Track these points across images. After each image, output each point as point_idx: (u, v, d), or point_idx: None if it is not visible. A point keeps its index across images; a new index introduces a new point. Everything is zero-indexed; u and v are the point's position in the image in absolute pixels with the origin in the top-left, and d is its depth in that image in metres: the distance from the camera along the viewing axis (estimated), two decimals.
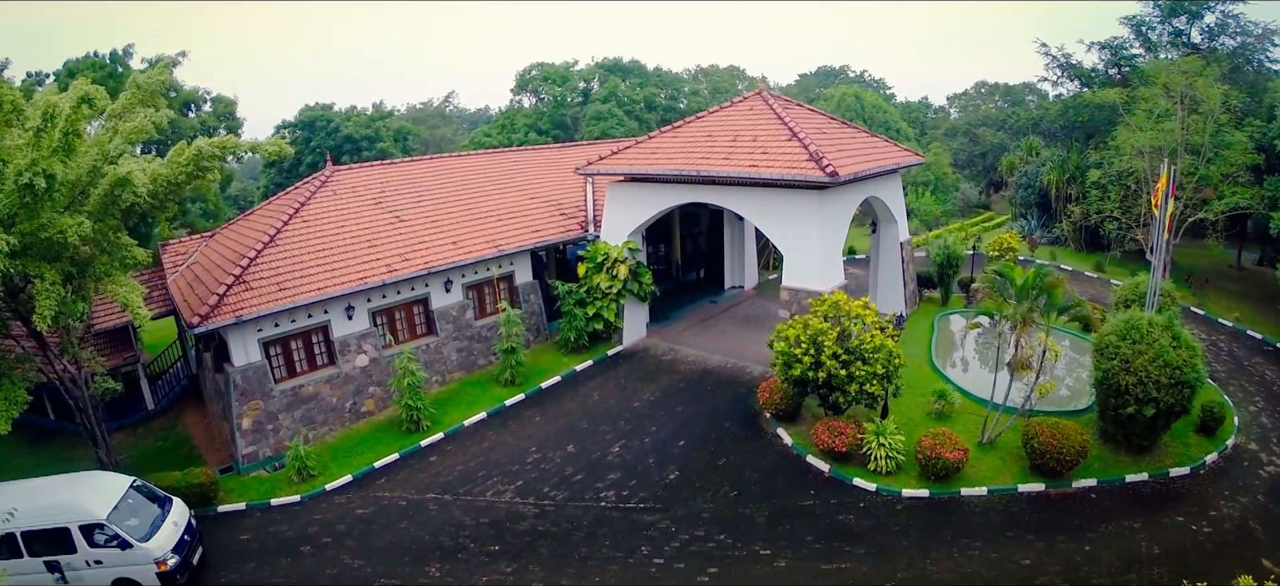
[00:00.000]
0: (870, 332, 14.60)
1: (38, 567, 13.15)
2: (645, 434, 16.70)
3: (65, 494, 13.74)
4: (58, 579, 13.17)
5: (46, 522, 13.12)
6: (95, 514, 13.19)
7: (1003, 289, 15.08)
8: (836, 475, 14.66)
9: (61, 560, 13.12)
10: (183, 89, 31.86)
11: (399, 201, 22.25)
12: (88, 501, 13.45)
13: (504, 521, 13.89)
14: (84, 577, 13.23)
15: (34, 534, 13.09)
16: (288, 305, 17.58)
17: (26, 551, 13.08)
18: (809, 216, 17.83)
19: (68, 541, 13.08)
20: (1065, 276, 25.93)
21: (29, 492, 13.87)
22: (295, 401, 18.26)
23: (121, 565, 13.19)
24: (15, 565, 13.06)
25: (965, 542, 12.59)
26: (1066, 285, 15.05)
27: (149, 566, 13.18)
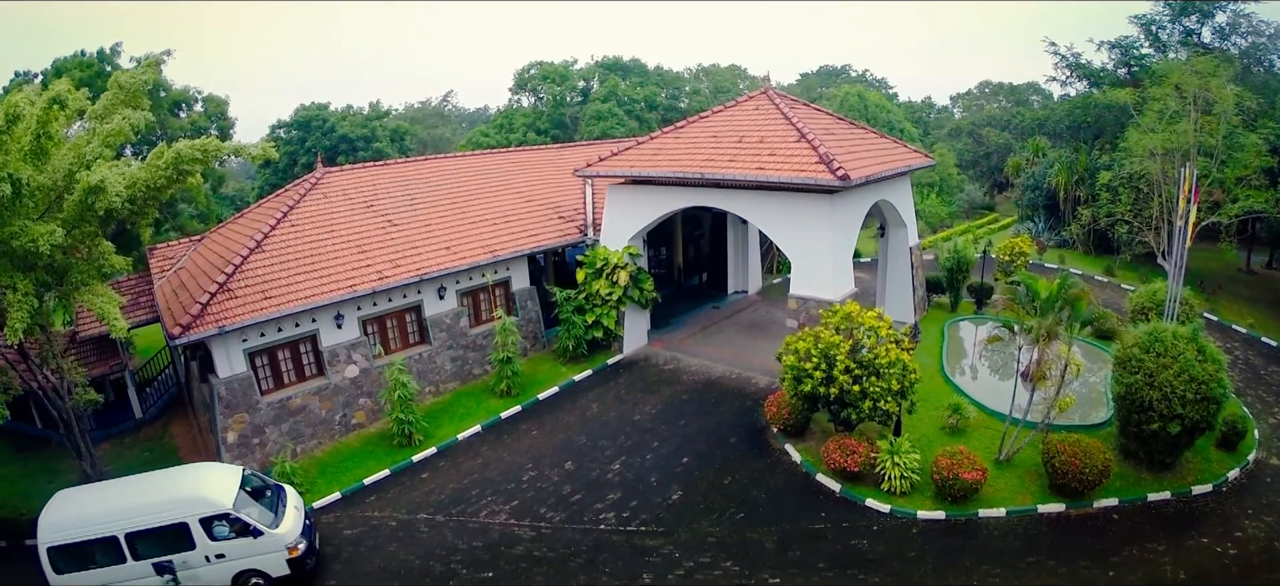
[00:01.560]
0: (884, 346, 13.86)
1: (143, 571, 12.16)
2: (647, 450, 15.97)
3: (178, 486, 12.80)
4: (168, 581, 12.23)
5: (159, 520, 12.13)
6: (220, 503, 12.37)
7: (1025, 300, 14.34)
8: (848, 495, 13.93)
9: (175, 559, 12.18)
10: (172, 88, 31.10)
11: (391, 205, 21.50)
12: (209, 491, 12.58)
13: (498, 545, 13.15)
14: (200, 576, 12.33)
15: (142, 534, 12.12)
16: (273, 315, 16.86)
17: (131, 554, 12.10)
18: (819, 222, 17.09)
19: (185, 537, 12.18)
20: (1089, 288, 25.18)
21: (128, 491, 12.95)
22: (282, 414, 17.52)
23: (249, 556, 12.40)
24: (116, 572, 12.12)
25: (985, 569, 11.90)
26: (1091, 296, 14.31)
27: (280, 553, 12.47)
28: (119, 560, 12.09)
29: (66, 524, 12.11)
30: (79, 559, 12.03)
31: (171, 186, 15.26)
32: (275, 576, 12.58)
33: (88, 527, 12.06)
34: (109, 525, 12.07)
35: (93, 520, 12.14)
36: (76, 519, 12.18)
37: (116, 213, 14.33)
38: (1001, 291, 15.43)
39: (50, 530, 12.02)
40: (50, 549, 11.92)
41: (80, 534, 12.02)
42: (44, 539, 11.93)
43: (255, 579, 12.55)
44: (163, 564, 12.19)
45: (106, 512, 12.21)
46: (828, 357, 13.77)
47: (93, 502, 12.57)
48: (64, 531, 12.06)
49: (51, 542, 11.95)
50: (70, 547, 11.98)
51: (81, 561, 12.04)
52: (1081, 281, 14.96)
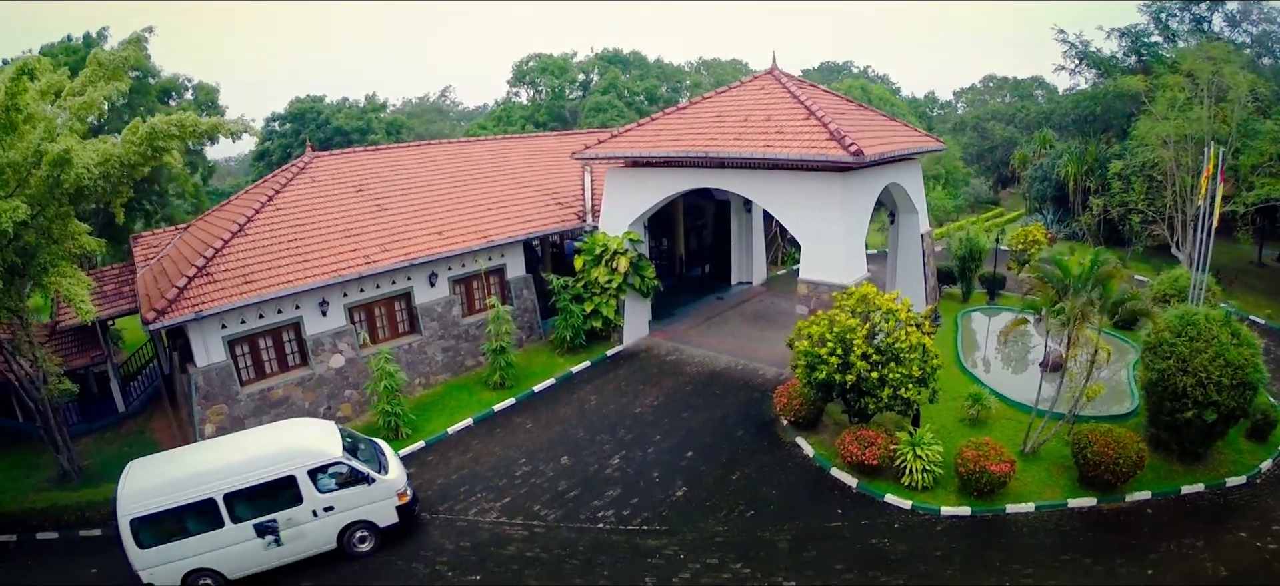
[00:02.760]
0: (904, 329, 12.72)
1: (242, 535, 11.25)
2: (648, 444, 14.83)
3: (280, 441, 12.02)
4: (270, 542, 11.32)
5: (264, 475, 11.28)
6: (329, 452, 11.70)
7: (1055, 280, 13.23)
8: (865, 491, 12.81)
9: (280, 517, 11.31)
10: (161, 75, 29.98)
11: (382, 190, 20.37)
12: (316, 443, 11.90)
13: (487, 545, 12.02)
14: (306, 533, 11.54)
15: (244, 493, 11.22)
16: (253, 299, 15.77)
17: (230, 517, 11.14)
18: (830, 202, 15.97)
19: (292, 492, 11.38)
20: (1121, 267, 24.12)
21: (217, 451, 12.04)
22: (263, 405, 16.41)
23: (359, 506, 11.78)
24: (210, 540, 11.14)
25: (1016, 569, 10.83)
26: (1124, 275, 13.25)
27: (390, 501, 11.99)
28: (215, 525, 11.07)
29: (154, 491, 10.97)
30: (168, 529, 10.96)
31: (147, 163, 14.37)
32: (383, 527, 12.04)
33: (181, 491, 10.98)
34: (205, 487, 11.03)
35: (185, 483, 11.06)
36: (165, 484, 11.07)
37: (88, 190, 13.46)
38: (1029, 270, 14.30)
39: (134, 500, 10.86)
40: (134, 520, 10.77)
41: (172, 499, 10.92)
42: (126, 510, 10.76)
43: (360, 532, 11.91)
44: (265, 524, 11.22)
45: (201, 473, 11.18)
46: (844, 342, 12.65)
47: (177, 467, 11.54)
48: (152, 499, 10.90)
49: (136, 514, 10.78)
50: (159, 517, 10.90)
51: (171, 532, 10.98)
52: (1114, 259, 13.86)
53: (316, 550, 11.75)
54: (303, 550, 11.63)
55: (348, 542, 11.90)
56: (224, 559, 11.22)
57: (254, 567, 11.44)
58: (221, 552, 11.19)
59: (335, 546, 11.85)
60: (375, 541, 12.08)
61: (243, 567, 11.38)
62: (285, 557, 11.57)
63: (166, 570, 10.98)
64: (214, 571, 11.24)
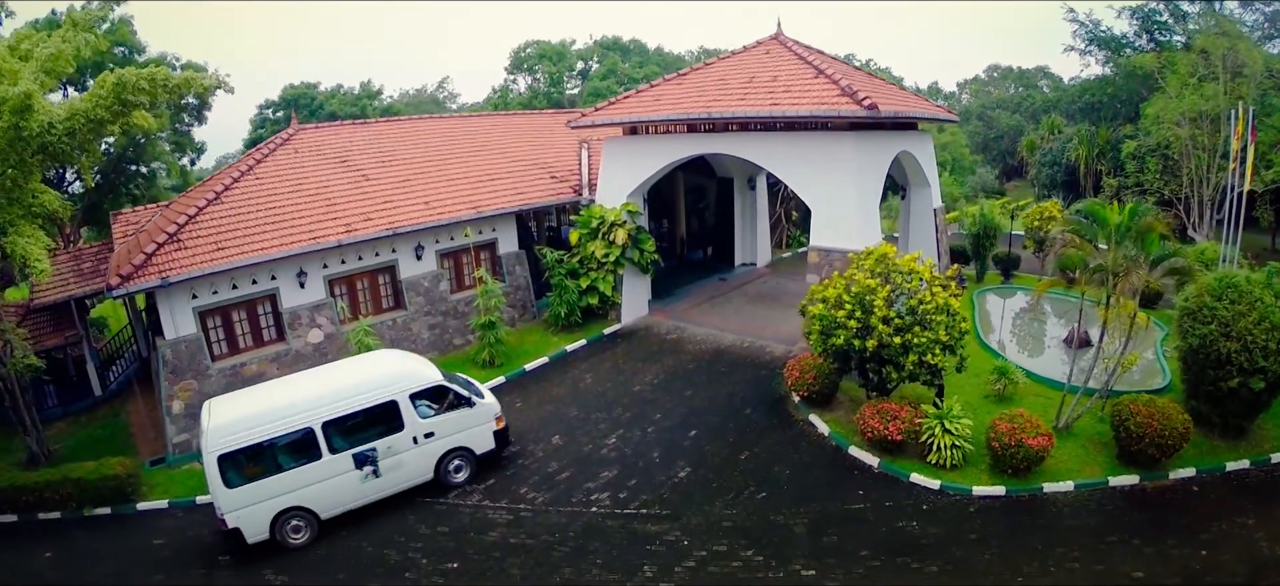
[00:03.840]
0: (929, 290, 11.27)
1: (342, 466, 10.56)
2: (648, 422, 13.38)
3: (376, 366, 11.51)
4: (368, 474, 10.66)
5: (365, 401, 10.70)
6: (431, 376, 11.31)
7: (1091, 231, 11.84)
8: (888, 470, 11.38)
9: (379, 445, 10.68)
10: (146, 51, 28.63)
11: (367, 161, 18.99)
12: (415, 366, 11.48)
13: (466, 530, 10.60)
14: (405, 462, 11.01)
15: (343, 420, 10.58)
16: (225, 266, 14.44)
17: (327, 447, 10.43)
18: (843, 161, 14.53)
19: (393, 418, 10.85)
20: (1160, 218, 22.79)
21: (313, 380, 11.36)
22: (235, 381, 15.03)
23: (459, 431, 11.43)
24: (306, 473, 10.37)
25: (1061, 553, 9.48)
26: (1163, 227, 11.88)
27: (488, 426, 11.73)
28: (311, 457, 10.35)
29: (244, 423, 10.13)
30: (259, 464, 10.19)
31: (116, 120, 13.44)
32: (479, 453, 11.73)
33: (276, 422, 10.23)
34: (303, 415, 10.33)
35: (279, 413, 10.32)
36: (257, 415, 10.27)
37: (53, 146, 12.60)
38: (1061, 224, 12.91)
39: (223, 434, 9.95)
40: (223, 457, 9.90)
41: (266, 431, 10.15)
42: (214, 445, 9.86)
43: (457, 461, 11.51)
44: (364, 454, 10.56)
45: (296, 402, 10.49)
46: (863, 305, 11.20)
47: (265, 399, 10.80)
48: (242, 432, 10.04)
49: (225, 448, 9.90)
50: (250, 452, 10.11)
51: (262, 466, 10.20)
52: (1154, 208, 12.42)
53: (413, 481, 11.20)
54: (400, 481, 11.04)
55: (444, 472, 11.42)
56: (319, 495, 10.43)
57: (348, 504, 10.74)
58: (317, 488, 10.39)
59: (432, 477, 11.34)
60: (470, 470, 11.67)
61: (337, 504, 10.64)
62: (381, 491, 10.94)
63: (256, 511, 10.09)
64: (307, 510, 10.41)
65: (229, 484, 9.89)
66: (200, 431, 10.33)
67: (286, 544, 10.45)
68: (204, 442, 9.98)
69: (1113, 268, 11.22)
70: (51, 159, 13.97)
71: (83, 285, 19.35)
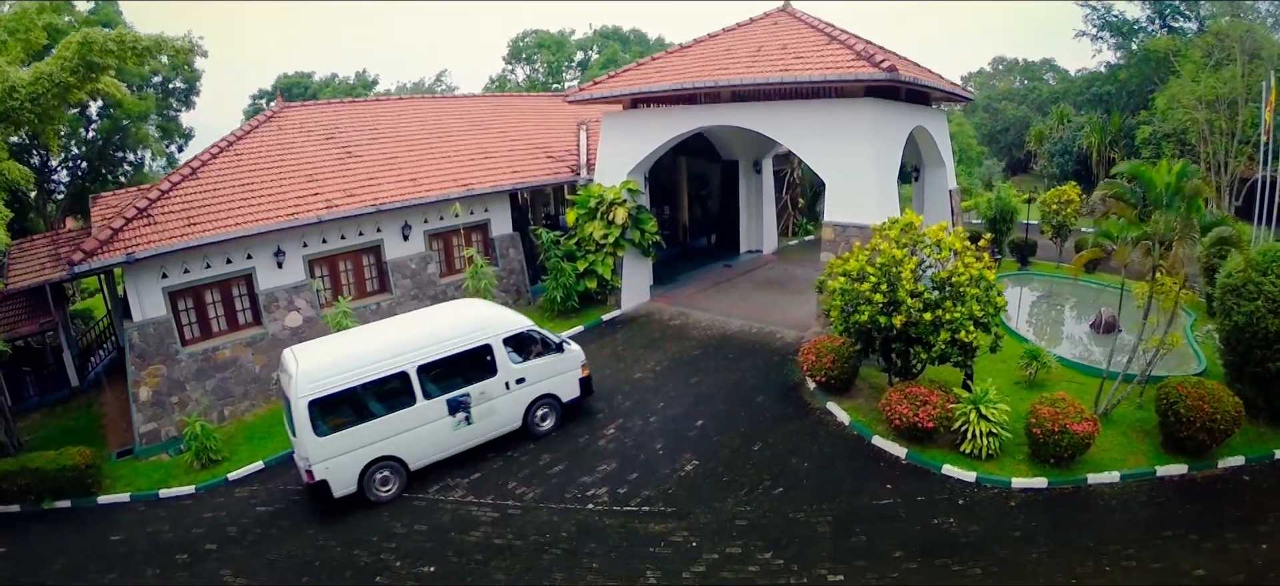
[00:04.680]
0: (961, 261, 9.99)
1: (436, 412, 10.20)
2: (650, 411, 12.11)
3: (465, 311, 11.24)
4: (460, 421, 10.36)
5: (460, 344, 10.38)
6: (522, 321, 11.09)
7: (1133, 197, 10.60)
8: (916, 461, 10.12)
9: (472, 391, 10.38)
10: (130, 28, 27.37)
11: (354, 138, 17.70)
12: (502, 312, 11.27)
13: (447, 528, 9.34)
14: (497, 408, 10.75)
15: (438, 364, 10.22)
16: (196, 242, 13.26)
17: (422, 392, 10.02)
18: (859, 130, 13.26)
19: (487, 362, 10.57)
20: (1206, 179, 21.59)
21: (398, 328, 10.91)
22: (207, 368, 13.80)
23: (548, 377, 11.22)
24: (399, 420, 9.92)
25: (1114, 550, 8.31)
26: (1210, 190, 10.69)
27: (574, 373, 11.60)
28: (406, 403, 9.94)
29: (338, 367, 9.61)
30: (353, 409, 9.76)
31: (84, 85, 12.61)
32: (566, 401, 11.57)
33: (369, 365, 9.74)
34: (398, 359, 9.89)
35: (372, 357, 9.84)
36: (351, 358, 9.78)
37: (15, 113, 11.84)
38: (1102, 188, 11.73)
39: (315, 378, 9.38)
40: (314, 402, 9.33)
41: (361, 374, 9.66)
42: (305, 390, 9.29)
43: (544, 408, 11.32)
44: (458, 399, 10.24)
45: (390, 345, 10.04)
46: (889, 277, 9.89)
47: (356, 344, 10.33)
48: (336, 376, 9.51)
49: (316, 394, 9.33)
50: (343, 397, 9.61)
51: (356, 412, 9.75)
52: (1201, 171, 11.18)
53: (502, 429, 10.95)
54: (490, 429, 10.78)
55: (531, 420, 11.20)
56: (411, 443, 10.03)
57: (439, 453, 10.39)
58: (409, 436, 9.97)
59: (520, 425, 11.10)
60: (556, 418, 11.48)
61: (428, 453, 10.28)
62: (472, 439, 10.65)
63: (346, 461, 9.58)
64: (397, 460, 9.97)
65: (320, 432, 9.33)
66: (285, 377, 9.78)
67: (374, 497, 9.90)
68: (292, 388, 9.33)
69: (1162, 232, 9.95)
70: (13, 127, 13.00)
71: (58, 270, 18.13)
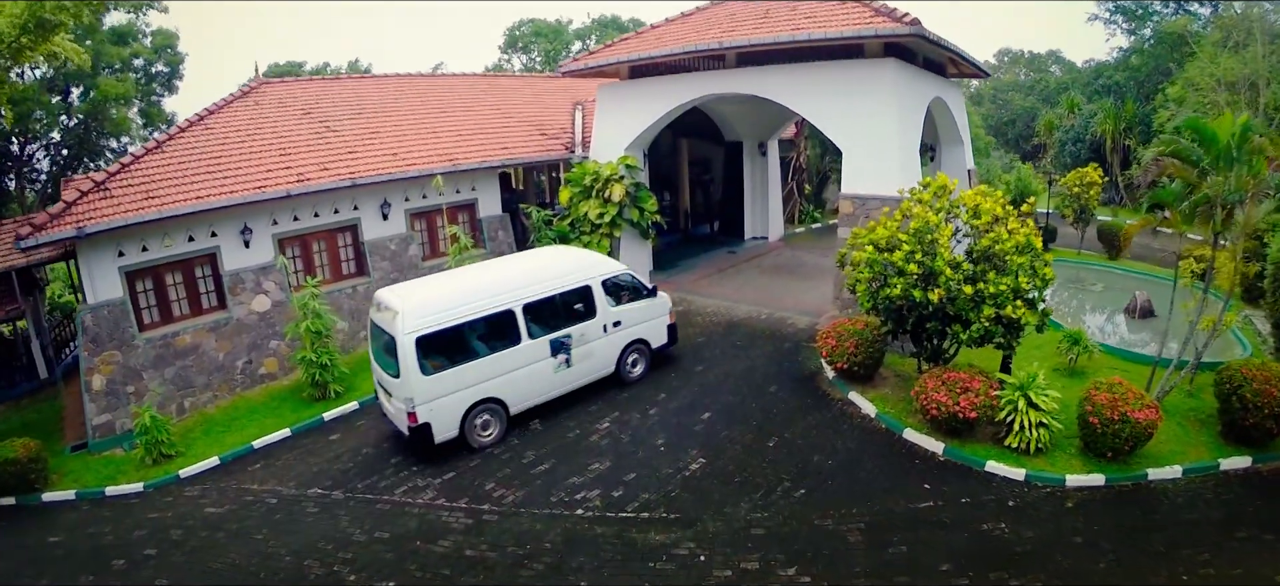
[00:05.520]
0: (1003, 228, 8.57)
1: (539, 353, 9.95)
2: (649, 402, 10.70)
3: (558, 256, 11.24)
4: (561, 363, 10.19)
5: (562, 284, 10.23)
6: (615, 266, 11.02)
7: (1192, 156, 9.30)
8: (956, 458, 8.70)
9: (573, 332, 10.23)
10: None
11: (335, 113, 16.27)
12: (596, 256, 11.24)
13: (413, 536, 7.92)
14: (594, 351, 10.61)
15: (542, 303, 10.03)
16: (154, 215, 11.95)
17: (527, 331, 9.78)
18: (879, 92, 11.85)
19: (586, 304, 10.48)
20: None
21: (491, 272, 10.58)
22: (165, 355, 12.41)
23: (641, 322, 11.16)
24: (504, 359, 9.61)
25: (1187, 555, 7.05)
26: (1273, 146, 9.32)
27: (664, 319, 11.58)
28: (511, 342, 9.65)
29: (444, 304, 9.27)
30: (458, 348, 9.39)
31: (36, 47, 11.52)
32: (655, 348, 11.50)
33: (476, 303, 9.43)
34: (504, 297, 9.63)
35: (478, 294, 9.56)
36: (456, 295, 9.48)
37: None
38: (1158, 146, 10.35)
39: (421, 314, 8.99)
40: (421, 339, 8.91)
41: (466, 312, 9.31)
42: (411, 326, 8.86)
43: (634, 354, 11.22)
44: (559, 340, 10.08)
45: (495, 283, 9.84)
46: (925, 246, 8.45)
47: (455, 284, 9.98)
48: (442, 313, 9.13)
49: (424, 330, 8.93)
50: (448, 335, 9.20)
51: (461, 351, 9.38)
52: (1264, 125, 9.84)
53: (597, 374, 10.78)
54: (587, 373, 10.61)
55: (623, 366, 11.08)
56: (513, 385, 9.72)
57: (539, 396, 10.14)
58: (511, 377, 9.67)
59: (613, 371, 10.96)
60: (645, 365, 11.38)
61: (529, 395, 10.00)
62: (570, 383, 10.46)
63: (449, 403, 9.19)
64: (498, 402, 9.65)
65: (425, 370, 8.93)
66: (384, 315, 9.30)
67: (474, 443, 9.54)
68: (398, 325, 8.85)
69: (1229, 192, 8.55)
70: None
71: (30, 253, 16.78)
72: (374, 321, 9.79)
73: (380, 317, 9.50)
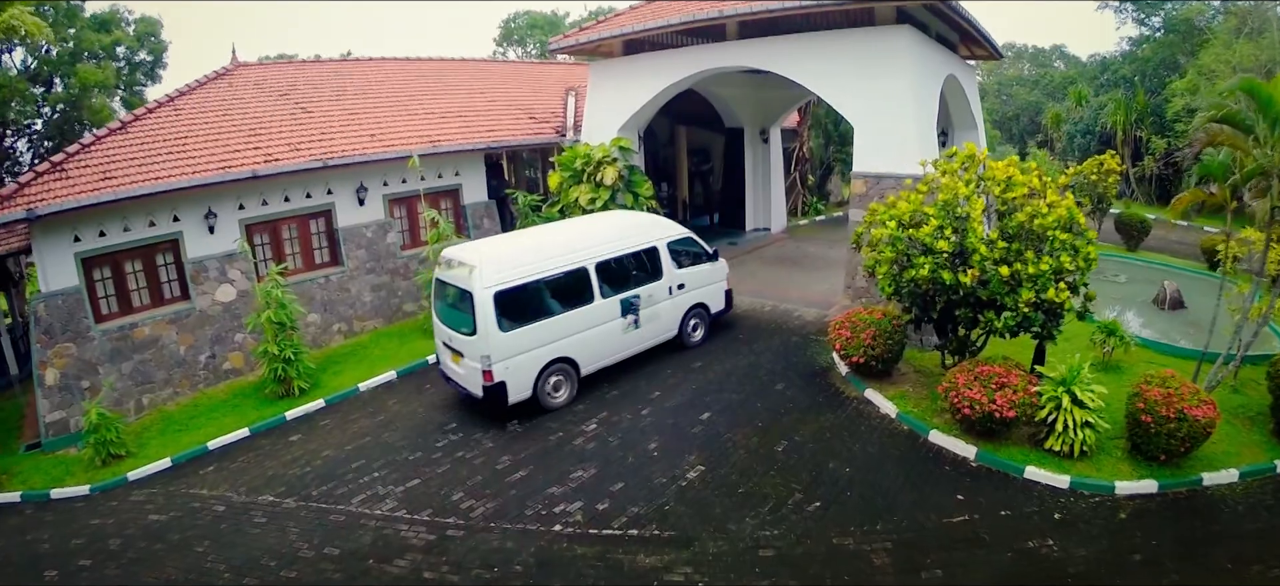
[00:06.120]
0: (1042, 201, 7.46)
1: (610, 313, 9.87)
2: (642, 401, 9.59)
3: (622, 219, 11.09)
4: (630, 324, 10.11)
5: (632, 244, 10.18)
6: (680, 229, 10.99)
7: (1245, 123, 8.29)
8: (989, 463, 7.58)
9: (642, 293, 10.18)
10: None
11: (313, 95, 15.19)
12: (664, 219, 11.28)
13: (366, 553, 6.85)
14: (660, 314, 10.56)
15: (612, 263, 9.92)
16: (109, 196, 10.94)
17: (599, 291, 9.69)
18: (895, 61, 10.76)
19: (654, 265, 10.42)
20: None
21: (571, 228, 10.54)
22: (124, 348, 11.39)
23: (703, 286, 11.11)
24: (579, 317, 9.52)
25: (1258, 572, 6.05)
26: None
27: (722, 283, 11.55)
28: (584, 301, 9.55)
29: (520, 259, 9.17)
30: (533, 306, 9.19)
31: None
32: (713, 312, 11.42)
33: (551, 259, 9.33)
34: (578, 254, 9.53)
35: (553, 251, 9.45)
36: (529, 251, 9.38)
37: None
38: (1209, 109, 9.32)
39: (499, 268, 8.85)
40: (499, 294, 8.74)
41: (541, 268, 9.19)
42: (490, 281, 8.71)
43: (695, 319, 11.13)
44: (630, 300, 10.03)
45: (570, 240, 9.76)
46: (956, 221, 7.33)
47: (525, 242, 9.87)
48: (519, 268, 9.01)
49: (504, 286, 8.79)
50: (523, 291, 9.02)
51: (535, 309, 9.20)
52: None
53: (661, 337, 10.67)
54: (652, 335, 10.52)
55: (685, 329, 10.97)
56: (585, 344, 9.58)
57: (609, 357, 10.02)
58: (584, 337, 9.55)
59: (675, 334, 10.86)
60: (705, 330, 11.31)
61: (598, 356, 9.87)
62: (636, 345, 10.34)
63: (525, 361, 9.00)
64: (570, 362, 9.49)
65: (503, 326, 8.76)
66: (458, 271, 9.05)
67: (546, 403, 9.33)
68: (475, 280, 8.66)
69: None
70: None
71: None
72: (440, 279, 9.56)
73: (451, 274, 9.25)
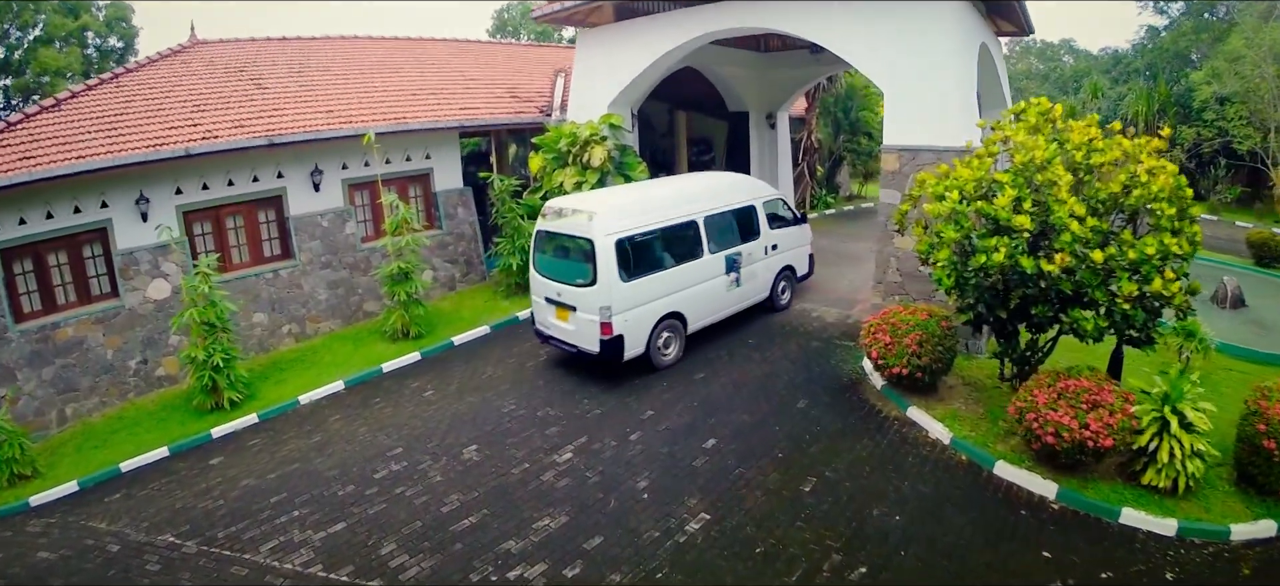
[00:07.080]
0: (1141, 168, 5.79)
1: (716, 269, 9.62)
2: (633, 426, 7.86)
3: (715, 178, 11.04)
4: (732, 282, 9.88)
5: (732, 202, 9.98)
6: (771, 191, 10.97)
7: None
8: (1072, 504, 5.87)
9: (743, 251, 9.98)
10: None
11: (272, 73, 13.47)
12: (755, 180, 11.44)
13: None
14: (757, 273, 10.36)
15: (716, 219, 9.64)
16: (24, 177, 9.27)
17: (707, 246, 9.47)
18: (930, 22, 8.96)
19: (752, 224, 10.20)
20: None
21: (665, 186, 10.54)
22: (44, 351, 9.75)
23: (792, 248, 11.02)
24: (690, 271, 9.26)
25: None
26: None
27: (807, 247, 11.54)
28: (693, 255, 9.32)
29: (635, 209, 8.89)
30: (649, 257, 8.91)
31: None
32: (800, 275, 11.40)
33: (664, 211, 9.10)
34: (688, 207, 9.36)
35: (664, 204, 9.24)
36: (647, 203, 9.14)
37: None
38: None
39: (618, 217, 8.57)
40: (620, 242, 8.43)
41: (656, 219, 8.93)
42: (612, 229, 8.40)
43: (783, 281, 11.00)
44: (733, 257, 9.83)
45: (676, 196, 9.58)
46: (1038, 190, 5.62)
47: (629, 196, 9.62)
48: (636, 218, 8.74)
49: (624, 234, 8.50)
50: (643, 242, 8.77)
51: (650, 260, 8.92)
52: None
53: (756, 297, 10.54)
54: (749, 295, 10.36)
55: (775, 291, 10.87)
56: (693, 300, 9.41)
57: (709, 316, 9.81)
58: (693, 292, 9.37)
59: (767, 296, 10.75)
60: (791, 293, 11.25)
61: (704, 313, 9.69)
62: (737, 303, 10.20)
63: (641, 315, 8.77)
64: (680, 318, 9.33)
65: (622, 278, 8.48)
66: (568, 220, 8.73)
67: (657, 362, 9.09)
68: (595, 226, 8.33)
69: None
70: None
71: None
72: (546, 230, 9.12)
73: (563, 224, 8.82)
